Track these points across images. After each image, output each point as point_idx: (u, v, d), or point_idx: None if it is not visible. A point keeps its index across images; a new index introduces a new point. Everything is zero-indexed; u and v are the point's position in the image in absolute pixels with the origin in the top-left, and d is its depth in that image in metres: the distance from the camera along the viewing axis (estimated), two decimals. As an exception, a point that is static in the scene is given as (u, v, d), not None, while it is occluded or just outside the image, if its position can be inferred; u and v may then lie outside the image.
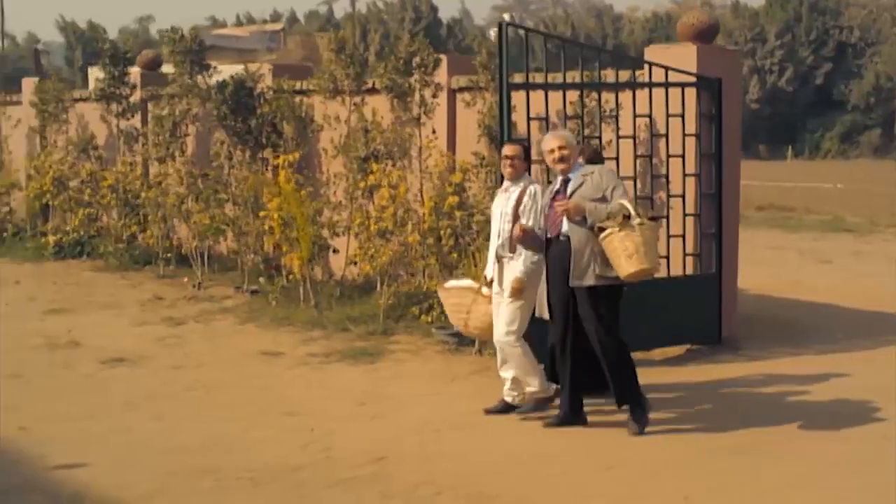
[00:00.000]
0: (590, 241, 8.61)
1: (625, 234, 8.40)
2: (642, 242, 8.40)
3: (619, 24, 70.18)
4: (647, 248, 8.46)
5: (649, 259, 8.48)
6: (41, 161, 18.76)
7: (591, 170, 8.89)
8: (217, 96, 15.50)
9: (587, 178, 8.81)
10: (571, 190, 8.81)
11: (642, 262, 8.42)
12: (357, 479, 7.73)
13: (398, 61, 13.61)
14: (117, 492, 7.51)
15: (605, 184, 8.72)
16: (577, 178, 8.85)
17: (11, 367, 11.10)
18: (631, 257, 8.41)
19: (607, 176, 8.83)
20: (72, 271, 16.96)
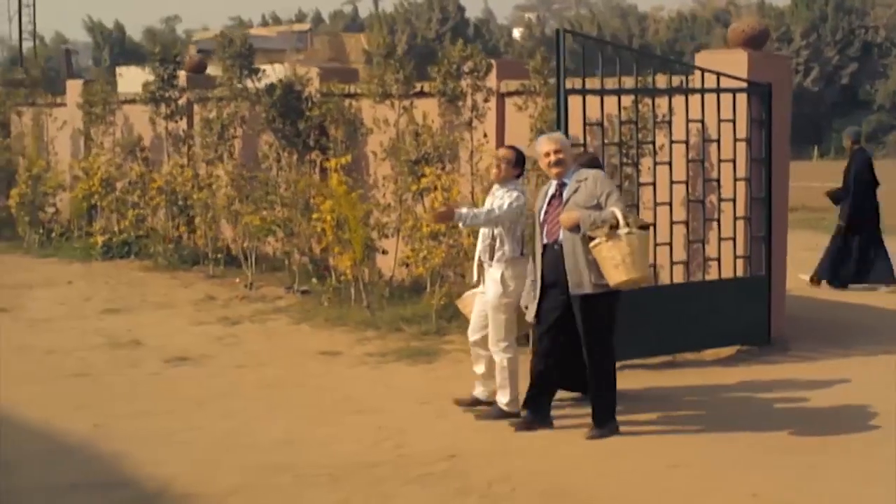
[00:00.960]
0: (584, 249, 8.64)
1: (612, 243, 8.38)
2: (629, 252, 8.36)
3: (644, 24, 70.21)
4: (635, 258, 8.40)
5: (637, 269, 8.42)
6: (89, 162, 19.03)
7: (586, 175, 8.87)
8: (266, 99, 15.75)
9: (581, 183, 8.80)
10: (567, 196, 8.82)
11: (629, 272, 8.40)
12: (432, 476, 7.96)
13: (451, 66, 13.82)
14: (199, 488, 7.75)
15: (600, 190, 8.71)
16: (572, 184, 8.84)
17: (78, 366, 11.38)
18: (617, 267, 8.40)
19: (601, 182, 8.80)
20: (121, 271, 17.22)
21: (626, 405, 9.44)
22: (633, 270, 8.40)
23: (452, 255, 13.32)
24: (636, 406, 9.73)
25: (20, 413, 9.66)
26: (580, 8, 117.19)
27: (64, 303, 14.92)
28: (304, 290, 14.91)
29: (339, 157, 14.58)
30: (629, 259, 8.36)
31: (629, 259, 8.36)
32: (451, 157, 14.16)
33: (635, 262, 8.40)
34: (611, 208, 8.56)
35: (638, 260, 8.43)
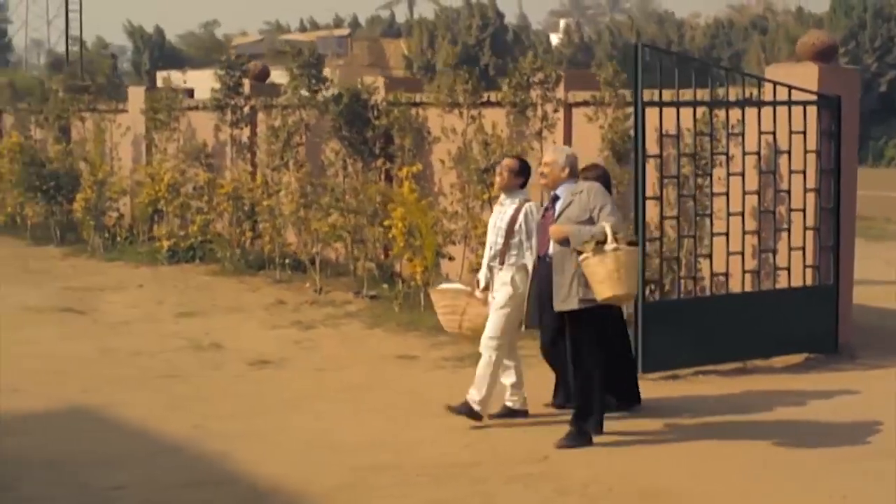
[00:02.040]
0: (572, 263, 8.69)
1: (598, 259, 8.41)
2: (615, 268, 8.37)
3: (682, 31, 70.29)
4: (621, 274, 8.40)
5: (623, 285, 8.43)
6: (155, 168, 19.39)
7: (581, 188, 8.92)
8: (333, 108, 16.08)
9: (576, 196, 8.86)
10: (560, 209, 8.92)
11: (614, 288, 8.42)
12: (530, 476, 8.24)
13: (522, 77, 14.11)
14: (305, 486, 8.06)
15: (593, 203, 8.73)
16: (566, 197, 8.94)
17: (165, 368, 11.71)
18: (603, 283, 8.43)
19: (595, 195, 8.81)
20: (188, 275, 17.55)
21: (704, 409, 9.73)
22: (619, 287, 8.43)
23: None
24: (715, 409, 10.03)
25: (119, 413, 10.00)
26: (614, 13, 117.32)
27: (138, 306, 15.27)
28: (372, 296, 15.20)
29: (408, 166, 14.90)
30: (615, 275, 8.38)
31: (615, 275, 8.38)
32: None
33: (621, 279, 8.41)
34: (602, 223, 8.59)
35: (624, 276, 8.44)
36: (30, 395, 10.56)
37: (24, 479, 8.15)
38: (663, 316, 11.42)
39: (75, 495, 7.82)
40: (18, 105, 23.86)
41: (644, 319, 11.27)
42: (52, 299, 15.61)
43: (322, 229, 15.95)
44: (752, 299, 11.99)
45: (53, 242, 21.00)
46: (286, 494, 7.89)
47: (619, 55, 61.22)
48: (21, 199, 21.65)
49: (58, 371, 11.53)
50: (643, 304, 11.27)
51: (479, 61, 54.66)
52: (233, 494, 7.92)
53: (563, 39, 65.09)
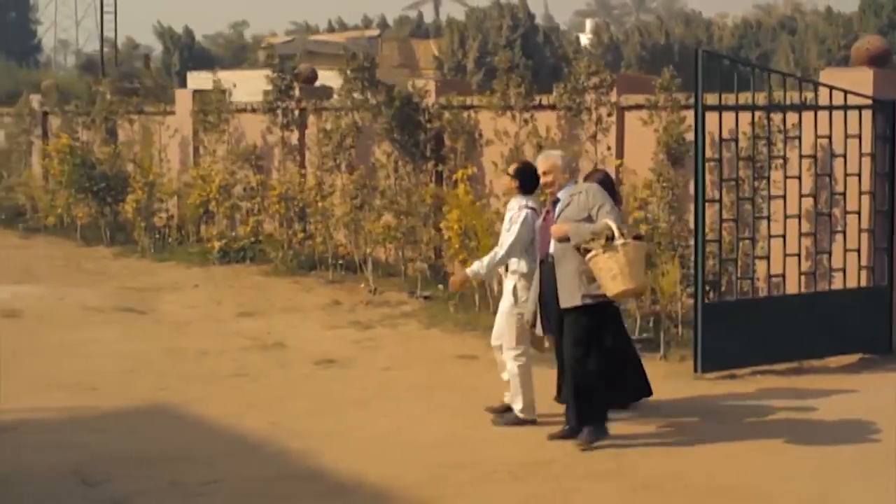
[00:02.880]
0: (575, 261, 8.82)
1: (608, 255, 8.53)
2: (626, 263, 8.51)
3: (711, 31, 70.33)
4: (632, 269, 8.55)
5: (634, 279, 8.59)
6: (206, 169, 19.67)
7: (580, 189, 9.10)
8: (386, 111, 16.33)
9: (574, 197, 9.02)
10: (559, 210, 9.09)
11: (626, 283, 8.56)
12: (605, 473, 8.48)
13: (577, 81, 14.33)
14: (387, 482, 8.31)
15: (591, 203, 8.89)
16: (565, 198, 9.12)
17: (234, 367, 11.99)
18: (615, 278, 8.56)
19: (594, 195, 8.97)
20: (241, 276, 17.82)
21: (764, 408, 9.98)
22: (630, 281, 8.58)
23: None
24: (774, 408, 10.28)
25: (196, 411, 10.27)
26: (640, 13, 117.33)
27: (197, 306, 15.55)
28: (426, 296, 15.45)
29: (462, 168, 15.15)
30: (626, 270, 8.53)
31: (626, 270, 8.53)
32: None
33: (632, 273, 8.57)
34: (603, 220, 8.73)
35: (634, 270, 8.60)
36: (107, 394, 10.85)
37: (116, 475, 8.41)
38: (721, 317, 11.63)
39: (170, 490, 8.07)
40: (66, 107, 24.11)
41: (703, 320, 11.49)
42: (110, 299, 15.90)
43: (375, 231, 16.20)
44: (807, 300, 12.19)
45: (103, 243, 21.30)
46: (371, 490, 8.14)
47: (648, 56, 61.41)
48: (71, 199, 21.96)
49: (130, 370, 11.81)
50: (702, 305, 11.49)
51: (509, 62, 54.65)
52: (319, 489, 8.17)
53: (592, 40, 65.16)
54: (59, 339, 13.31)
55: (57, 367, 11.96)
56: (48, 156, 23.63)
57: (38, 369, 11.83)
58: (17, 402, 10.53)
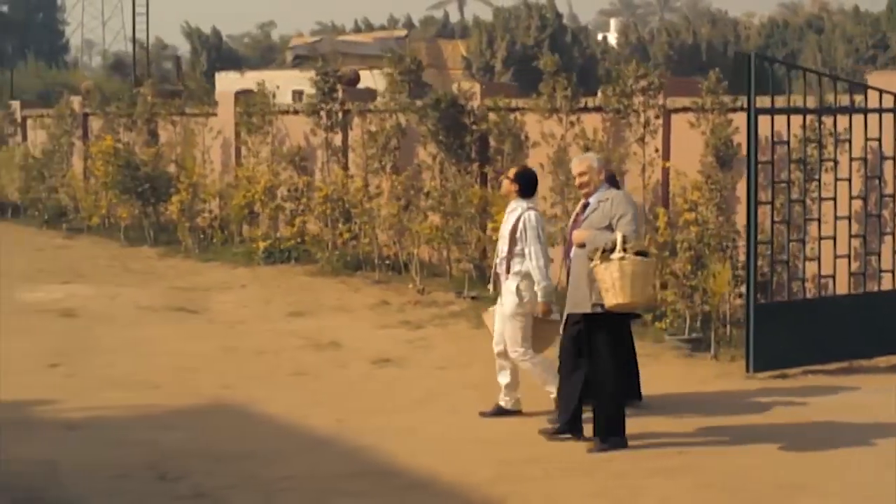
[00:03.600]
0: (587, 267, 8.89)
1: (604, 267, 8.61)
2: (619, 277, 8.52)
3: (738, 31, 70.40)
4: (626, 283, 8.54)
5: (627, 294, 8.57)
6: (252, 170, 19.91)
7: (608, 196, 9.17)
8: (433, 113, 16.55)
9: (601, 204, 9.13)
10: (586, 215, 9.23)
11: (618, 297, 8.59)
12: (670, 470, 8.65)
13: (625, 84, 14.50)
14: (461, 478, 8.50)
15: (614, 211, 8.99)
16: (594, 203, 9.22)
17: (293, 366, 12.21)
18: (608, 291, 8.63)
19: (618, 203, 9.06)
20: (287, 276, 18.04)
21: (817, 407, 10.17)
22: (623, 295, 8.59)
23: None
24: (827, 407, 10.46)
25: (262, 409, 10.49)
26: (665, 12, 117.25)
27: (247, 306, 15.78)
28: (473, 296, 15.63)
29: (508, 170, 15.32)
30: (618, 284, 8.55)
31: (618, 284, 8.55)
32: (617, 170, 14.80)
33: (624, 287, 8.56)
34: (617, 231, 8.82)
35: (628, 285, 8.56)
36: (171, 392, 11.09)
37: (192, 471, 8.63)
38: (773, 317, 11.79)
39: (249, 486, 8.28)
40: (107, 108, 24.38)
41: (755, 320, 11.65)
42: (162, 299, 16.15)
43: (422, 231, 16.41)
44: (857, 301, 12.35)
45: (147, 243, 21.58)
46: (445, 485, 8.33)
47: (675, 55, 61.51)
48: (115, 200, 22.23)
49: (190, 368, 12.05)
50: (754, 306, 11.66)
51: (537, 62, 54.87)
52: (395, 485, 8.37)
53: (620, 39, 65.26)
54: (117, 339, 13.56)
55: (118, 365, 12.21)
56: (90, 157, 23.97)
57: (100, 368, 12.09)
58: (84, 399, 10.79)
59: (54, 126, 26.04)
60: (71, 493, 8.11)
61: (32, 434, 9.69)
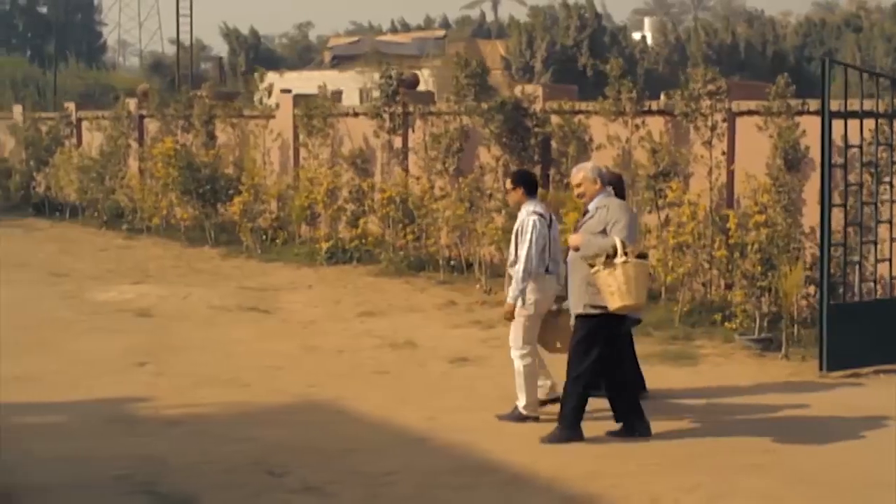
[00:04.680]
0: (583, 271, 9.25)
1: (608, 271, 9.00)
2: (624, 281, 8.95)
3: (777, 31, 70.27)
4: (630, 286, 8.97)
5: (631, 296, 9.02)
6: (315, 172, 20.22)
7: (606, 203, 9.47)
8: (498, 116, 16.82)
9: (599, 210, 9.45)
10: (583, 221, 9.59)
11: (623, 299, 9.03)
12: (760, 467, 8.89)
13: (694, 89, 14.73)
14: (558, 473, 8.76)
15: (610, 218, 9.30)
16: (592, 210, 9.55)
17: (374, 365, 12.50)
18: (613, 294, 9.03)
19: (614, 211, 9.37)
20: (351, 276, 18.34)
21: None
22: (628, 298, 9.05)
23: (697, 265, 14.27)
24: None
25: (352, 406, 10.78)
26: (699, 11, 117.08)
27: (317, 306, 16.09)
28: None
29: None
30: (624, 287, 8.99)
31: (624, 287, 8.99)
32: (683, 172, 15.04)
33: (629, 290, 9.00)
34: (613, 237, 9.16)
35: (632, 288, 9.01)
36: (261, 390, 11.40)
37: (297, 465, 8.92)
38: (845, 317, 12.01)
39: (355, 480, 8.57)
40: (165, 110, 24.74)
41: (828, 321, 11.87)
42: (232, 299, 16.47)
43: (488, 232, 16.68)
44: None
45: (208, 243, 21.93)
46: (544, 480, 8.60)
47: (714, 55, 61.45)
48: (176, 201, 22.60)
49: (275, 367, 12.35)
50: (827, 306, 11.88)
51: (576, 62, 55.12)
52: (496, 480, 8.64)
53: (658, 39, 65.34)
54: (196, 338, 13.88)
55: (203, 364, 12.52)
56: (146, 158, 24.37)
57: (186, 366, 12.40)
58: (178, 397, 11.12)
59: (111, 128, 26.44)
60: (185, 487, 8.40)
61: (135, 430, 10.02)
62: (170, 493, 8.26)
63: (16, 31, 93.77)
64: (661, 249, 14.55)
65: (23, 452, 9.28)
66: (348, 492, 8.34)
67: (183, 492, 8.29)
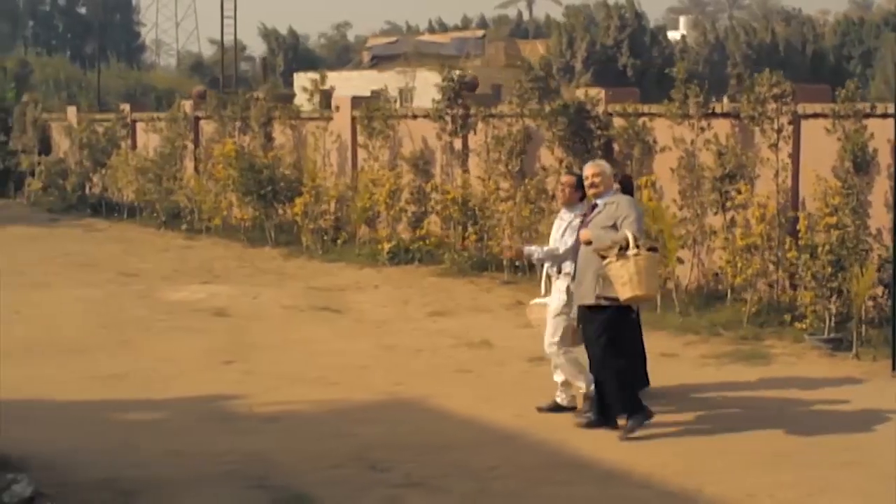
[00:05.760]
0: (595, 264, 9.71)
1: (620, 263, 9.45)
2: (635, 272, 9.40)
3: (817, 30, 70.37)
4: (641, 277, 9.43)
5: (643, 287, 9.48)
6: (377, 173, 20.53)
7: (616, 200, 9.91)
8: (562, 119, 17.10)
9: (608, 206, 9.88)
10: (592, 216, 9.96)
11: (635, 290, 9.47)
12: (850, 463, 9.14)
13: (760, 92, 14.95)
14: (655, 469, 9.01)
15: (619, 213, 9.76)
16: (601, 206, 9.96)
17: (453, 364, 12.80)
18: (625, 285, 9.47)
19: (623, 206, 9.82)
20: (415, 276, 18.61)
21: None
22: (640, 288, 9.49)
23: (765, 266, 14.51)
24: None
25: (439, 404, 11.09)
26: (734, 10, 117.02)
27: (386, 305, 16.39)
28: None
29: (643, 175, 15.89)
30: (636, 278, 9.43)
31: (636, 278, 9.43)
32: (749, 174, 15.25)
33: (641, 281, 9.45)
34: (624, 230, 9.60)
35: (644, 279, 9.48)
36: (349, 388, 11.72)
37: (399, 461, 9.22)
38: (917, 317, 12.21)
39: (460, 475, 8.86)
40: (223, 112, 25.09)
41: (899, 320, 12.10)
42: (302, 299, 16.80)
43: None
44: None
45: (268, 244, 22.26)
46: (641, 476, 8.88)
47: (754, 54, 61.66)
48: (238, 202, 22.96)
49: (358, 366, 12.67)
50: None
51: (617, 62, 55.34)
52: (594, 476, 8.93)
53: (698, 39, 65.49)
54: (275, 337, 14.22)
55: (287, 363, 12.86)
56: (204, 159, 24.76)
57: (271, 365, 12.74)
58: (269, 395, 11.45)
59: (167, 129, 26.84)
60: (295, 482, 8.70)
61: (234, 427, 10.35)
62: (282, 487, 8.57)
63: (55, 31, 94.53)
64: (728, 251, 14.76)
65: (130, 448, 9.63)
66: (456, 485, 8.63)
67: (294, 486, 8.59)
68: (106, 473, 8.84)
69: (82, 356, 13.14)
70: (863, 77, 61.07)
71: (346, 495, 8.49)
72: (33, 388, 11.48)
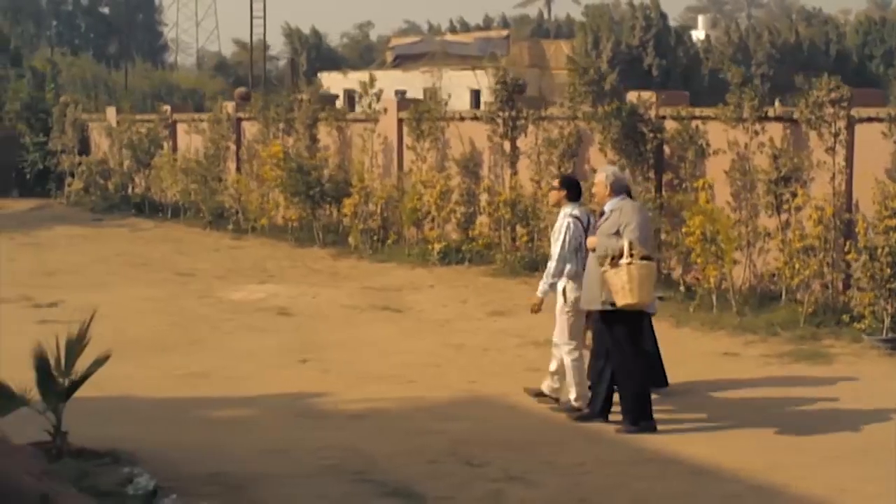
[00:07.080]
0: (598, 270, 10.07)
1: (615, 271, 9.84)
2: (628, 280, 9.76)
3: (840, 30, 70.37)
4: (633, 286, 9.77)
5: (636, 295, 9.81)
6: (427, 175, 20.83)
7: (621, 206, 10.21)
8: (616, 122, 17.39)
9: (613, 212, 10.20)
10: (600, 222, 10.33)
11: (627, 298, 9.83)
12: None
13: (818, 97, 15.22)
14: (742, 465, 9.33)
15: (622, 220, 10.05)
16: (608, 212, 10.28)
17: (522, 362, 13.12)
18: (618, 293, 9.87)
19: (626, 213, 10.11)
20: (467, 276, 18.88)
21: None
22: (632, 296, 9.83)
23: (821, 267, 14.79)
24: None
25: (518, 401, 11.40)
26: (752, 9, 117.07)
27: (445, 305, 16.69)
28: (660, 297, 16.35)
29: (697, 178, 16.18)
30: (628, 286, 9.78)
31: (628, 286, 9.78)
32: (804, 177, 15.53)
33: (633, 290, 9.79)
34: (623, 239, 9.91)
35: (636, 288, 9.81)
36: (427, 385, 12.05)
37: (490, 457, 9.53)
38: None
39: (552, 470, 9.20)
40: (267, 114, 25.40)
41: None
42: (360, 298, 17.12)
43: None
44: None
45: (316, 244, 22.55)
46: (729, 472, 9.19)
47: (777, 54, 61.78)
48: (284, 203, 23.29)
49: (432, 364, 13.00)
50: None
51: (642, 62, 55.54)
52: (680, 470, 9.26)
53: (721, 38, 65.63)
54: (344, 336, 14.55)
55: (362, 361, 13.19)
56: (247, 160, 25.10)
57: (346, 363, 13.07)
58: (351, 392, 11.79)
59: (211, 130, 27.17)
60: (395, 476, 9.02)
61: (323, 424, 10.67)
62: (385, 481, 8.88)
63: (78, 31, 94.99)
64: (785, 252, 15.05)
65: (227, 444, 9.95)
66: (551, 480, 8.96)
67: (397, 480, 8.90)
68: (210, 468, 9.14)
69: (160, 354, 13.48)
70: (885, 77, 61.18)
71: (450, 489, 8.79)
72: (118, 386, 11.72)
